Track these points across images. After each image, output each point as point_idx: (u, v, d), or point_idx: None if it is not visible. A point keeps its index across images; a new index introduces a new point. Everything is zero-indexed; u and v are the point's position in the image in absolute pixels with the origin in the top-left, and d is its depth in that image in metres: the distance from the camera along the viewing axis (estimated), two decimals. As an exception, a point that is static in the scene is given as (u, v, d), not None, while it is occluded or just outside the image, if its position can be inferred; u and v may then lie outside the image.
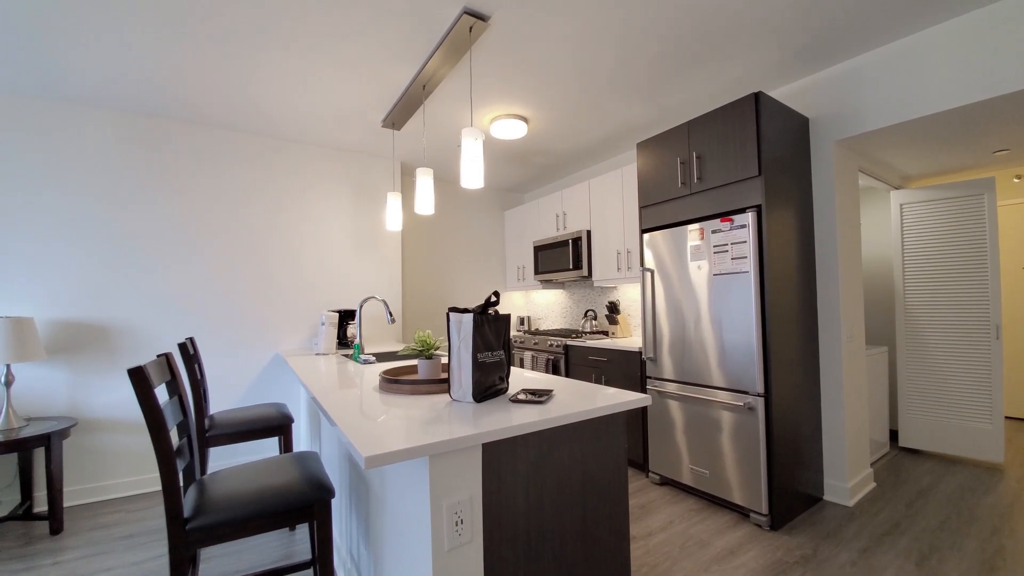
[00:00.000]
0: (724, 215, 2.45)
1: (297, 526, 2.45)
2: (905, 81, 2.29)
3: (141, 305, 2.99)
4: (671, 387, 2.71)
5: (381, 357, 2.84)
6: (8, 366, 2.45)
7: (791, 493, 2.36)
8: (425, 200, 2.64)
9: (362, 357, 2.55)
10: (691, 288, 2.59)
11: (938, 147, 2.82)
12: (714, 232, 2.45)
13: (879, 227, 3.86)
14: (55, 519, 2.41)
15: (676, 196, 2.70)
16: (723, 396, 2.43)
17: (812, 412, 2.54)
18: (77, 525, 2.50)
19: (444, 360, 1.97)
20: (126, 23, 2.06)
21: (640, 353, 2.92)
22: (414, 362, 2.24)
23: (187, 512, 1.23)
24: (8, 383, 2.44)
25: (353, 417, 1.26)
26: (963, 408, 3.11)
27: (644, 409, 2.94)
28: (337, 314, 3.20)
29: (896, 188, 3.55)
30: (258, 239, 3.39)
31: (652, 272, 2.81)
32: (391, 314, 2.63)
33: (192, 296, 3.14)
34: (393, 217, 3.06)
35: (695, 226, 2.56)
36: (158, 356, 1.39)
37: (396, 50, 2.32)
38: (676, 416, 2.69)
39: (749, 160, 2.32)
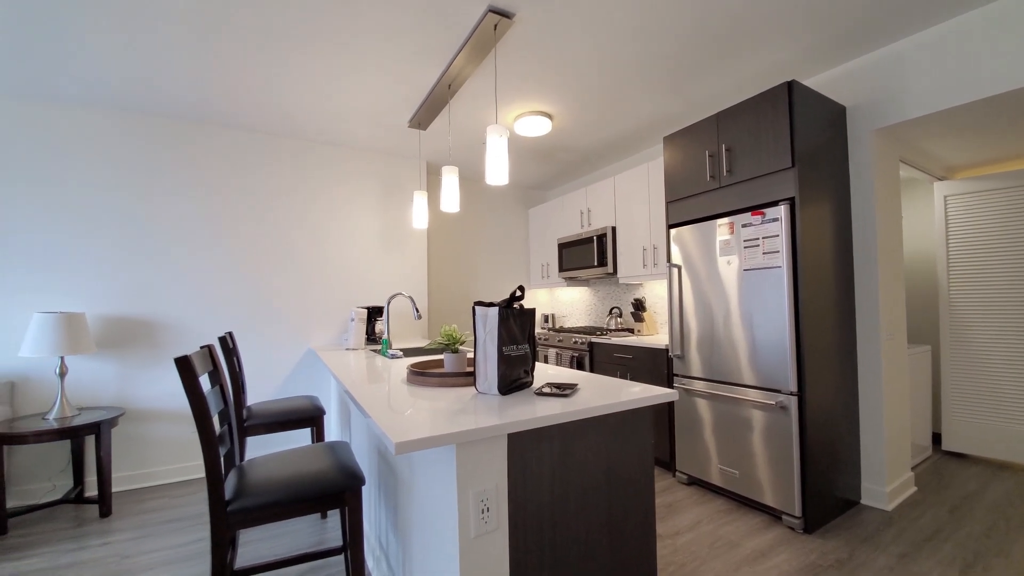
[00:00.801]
0: (755, 208, 2.39)
1: (328, 514, 2.52)
2: (950, 65, 2.18)
3: (183, 301, 3.14)
4: (699, 385, 2.66)
5: (408, 352, 2.90)
6: (62, 358, 2.62)
7: (826, 496, 2.28)
8: (451, 198, 2.68)
9: (390, 352, 2.61)
10: (720, 284, 2.54)
11: (986, 135, 2.67)
12: (744, 226, 2.39)
13: (921, 220, 3.69)
14: (104, 503, 2.56)
15: (704, 190, 2.65)
16: (753, 395, 2.37)
17: (849, 412, 2.45)
18: (125, 509, 2.64)
19: (469, 354, 1.99)
20: (171, 32, 2.16)
21: (667, 350, 2.88)
22: (440, 356, 2.27)
23: (228, 495, 1.29)
24: (62, 374, 2.60)
25: (383, 408, 1.29)
26: (1012, 410, 2.94)
27: (671, 407, 2.90)
28: (366, 310, 3.28)
29: (940, 179, 3.38)
30: (291, 238, 3.50)
31: (679, 268, 2.77)
32: (417, 310, 2.67)
33: (231, 293, 3.28)
34: (419, 215, 3.11)
35: (724, 220, 2.50)
36: (201, 348, 1.46)
37: (422, 51, 2.35)
38: (704, 415, 2.64)
39: (782, 151, 2.26)
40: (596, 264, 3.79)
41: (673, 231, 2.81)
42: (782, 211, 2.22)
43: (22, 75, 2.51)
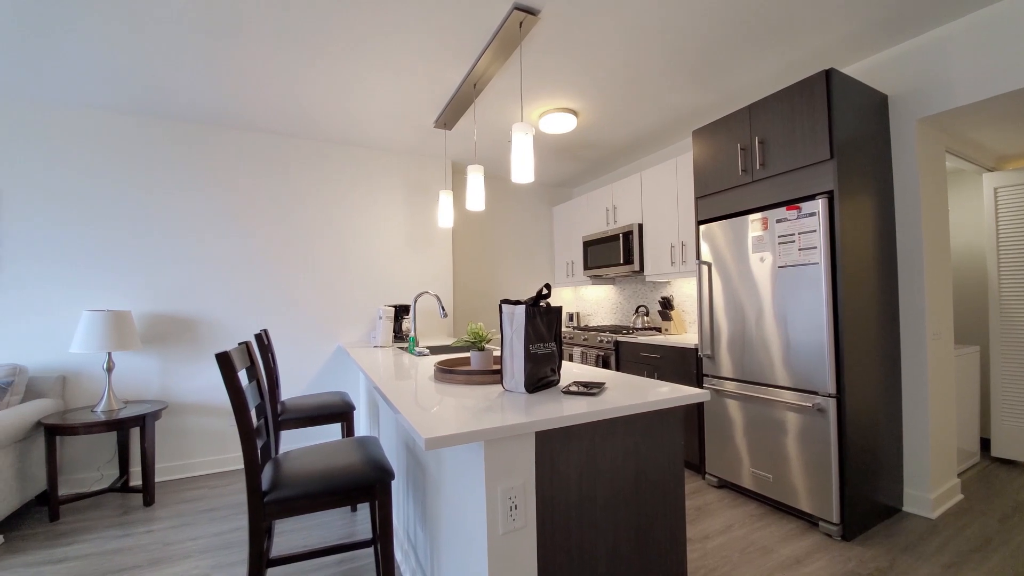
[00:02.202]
0: (791, 203, 2.31)
1: (358, 507, 2.58)
2: (1001, 49, 2.05)
3: (221, 300, 3.26)
4: (729, 385, 2.59)
5: (434, 350, 2.93)
6: (109, 354, 2.75)
7: (866, 502, 2.19)
8: (476, 197, 2.69)
9: (417, 349, 2.64)
10: (751, 281, 2.47)
11: (1044, 122, 2.51)
12: (779, 221, 2.32)
13: (970, 213, 3.49)
14: (148, 492, 2.68)
15: (736, 185, 2.58)
16: (788, 396, 2.30)
17: (891, 416, 2.34)
18: (167, 498, 2.77)
19: (496, 352, 2.00)
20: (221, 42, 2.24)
21: (696, 350, 2.82)
22: (466, 354, 2.29)
23: (265, 486, 1.34)
24: (109, 369, 2.74)
25: (412, 404, 1.31)
26: (1075, 416, 2.75)
27: (701, 408, 2.84)
28: (393, 309, 3.33)
29: (989, 170, 3.19)
30: (320, 239, 3.59)
31: (709, 265, 2.71)
32: (444, 308, 2.70)
33: (265, 292, 3.39)
34: (445, 215, 3.14)
35: (757, 216, 2.43)
36: (239, 344, 1.52)
37: (447, 51, 2.37)
38: (735, 416, 2.57)
39: (819, 143, 2.18)
40: (622, 262, 3.74)
41: (703, 227, 2.75)
42: (819, 205, 2.14)
43: (63, 82, 2.65)
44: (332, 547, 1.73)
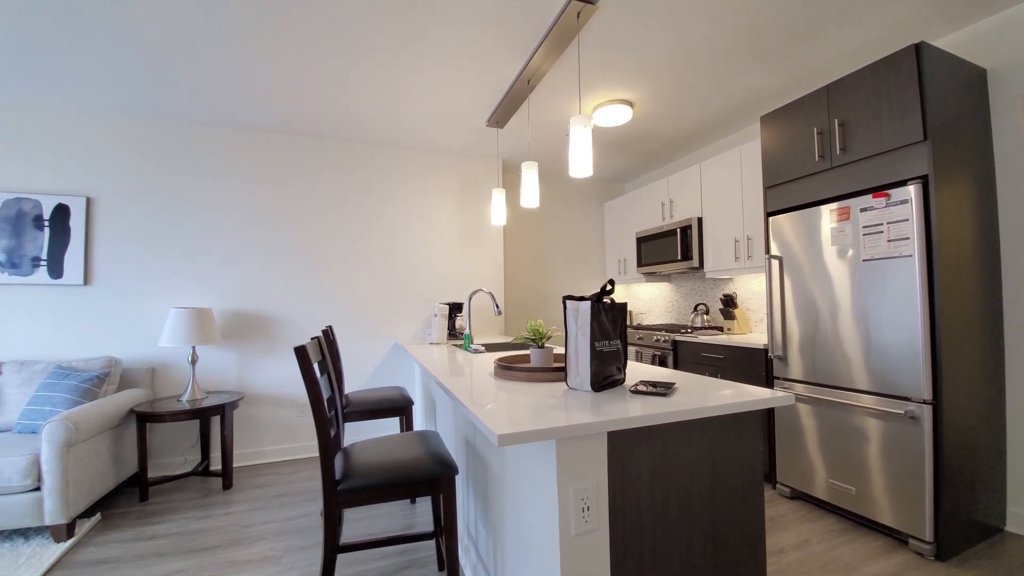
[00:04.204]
0: (878, 190, 2.11)
1: (417, 500, 2.63)
2: None
3: (290, 299, 3.46)
4: (801, 389, 2.42)
5: (489, 347, 2.94)
6: (193, 348, 2.98)
7: (963, 519, 1.97)
8: (531, 194, 2.67)
9: (472, 347, 2.66)
10: (827, 277, 2.28)
11: None
12: (864, 210, 2.13)
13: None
14: (226, 477, 2.88)
15: (812, 172, 2.40)
16: (869, 401, 2.11)
17: (993, 425, 2.09)
18: (243, 483, 2.96)
19: (556, 350, 1.97)
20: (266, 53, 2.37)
21: (765, 351, 2.65)
22: (524, 351, 2.28)
23: (337, 476, 1.38)
24: (193, 361, 2.96)
25: (477, 400, 1.30)
26: None
27: (771, 413, 2.67)
28: (447, 306, 3.38)
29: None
30: (376, 239, 3.71)
31: (780, 260, 2.53)
32: (498, 306, 2.70)
33: (328, 291, 3.55)
34: (498, 213, 3.14)
35: (836, 205, 2.25)
36: (312, 339, 1.58)
37: (502, 49, 2.36)
38: (809, 422, 2.40)
39: (910, 123, 1.97)
40: (680, 258, 3.59)
41: (772, 219, 2.58)
42: (912, 191, 1.94)
43: (150, 97, 2.88)
44: (395, 537, 1.77)
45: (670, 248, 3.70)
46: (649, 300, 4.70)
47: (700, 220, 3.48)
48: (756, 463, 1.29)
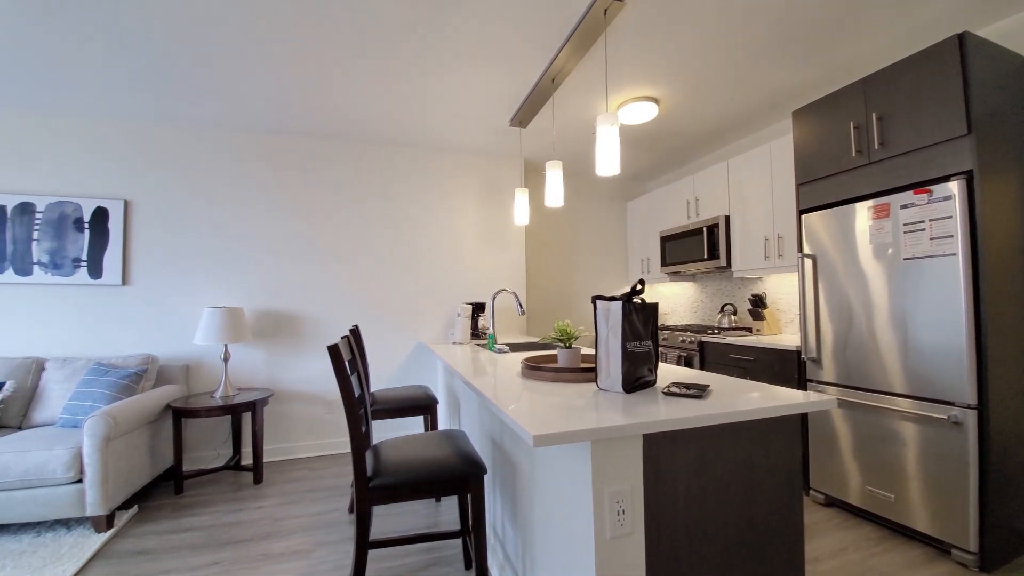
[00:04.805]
0: (919, 186, 2.03)
1: (442, 499, 2.65)
2: None
3: (317, 298, 3.52)
4: (836, 392, 2.34)
5: (513, 347, 2.94)
6: (226, 346, 3.06)
7: (1009, 529, 1.88)
8: (555, 193, 2.65)
9: (496, 347, 2.66)
10: (862, 276, 2.21)
11: None
12: (904, 207, 2.05)
13: None
14: (257, 471, 2.95)
15: (848, 168, 2.32)
16: (907, 405, 2.03)
17: (1047, 432, 1.99)
18: (273, 478, 3.02)
19: (584, 350, 1.95)
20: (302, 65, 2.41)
21: (798, 353, 2.58)
22: (549, 352, 2.27)
23: (368, 473, 1.40)
24: (226, 359, 3.04)
25: (507, 401, 1.30)
26: None
27: (804, 417, 2.59)
28: (470, 306, 3.39)
29: None
30: (399, 240, 3.75)
31: (813, 259, 2.46)
32: (522, 306, 2.70)
33: (353, 291, 3.61)
34: (521, 213, 3.14)
35: (873, 202, 2.17)
36: (342, 338, 1.60)
37: (527, 48, 2.35)
38: (843, 426, 2.32)
39: (953, 116, 1.89)
40: (706, 257, 3.52)
41: (805, 217, 2.51)
42: (955, 187, 1.86)
43: (183, 103, 2.97)
44: (424, 535, 1.78)
45: (696, 247, 3.64)
46: (673, 300, 4.63)
47: (727, 218, 3.41)
48: (795, 470, 1.25)
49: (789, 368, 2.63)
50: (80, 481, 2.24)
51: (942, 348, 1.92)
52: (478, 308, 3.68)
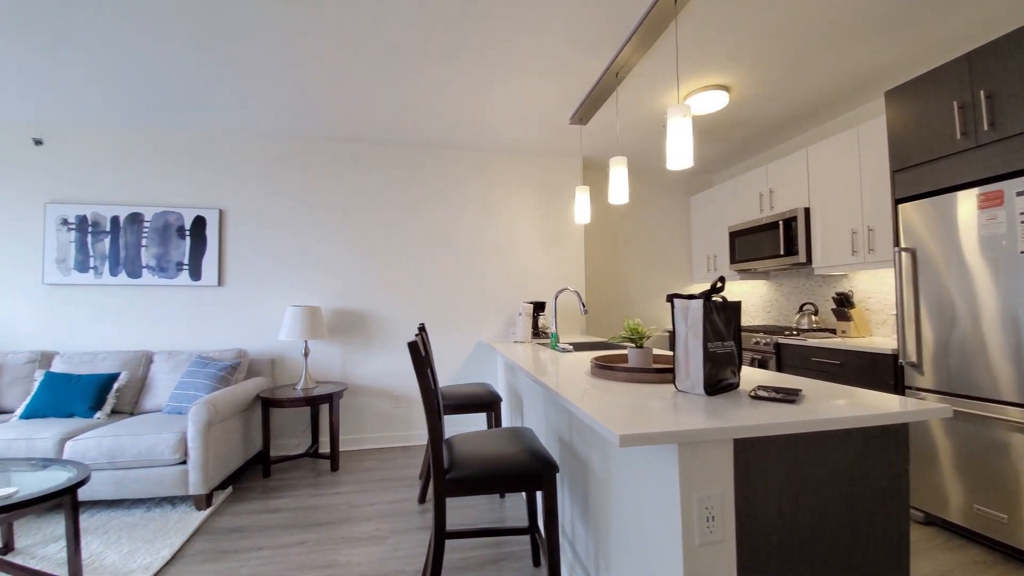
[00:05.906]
0: (1041, 170, 1.80)
1: (506, 495, 2.69)
2: None
3: (385, 298, 3.70)
4: (936, 400, 2.12)
5: (577, 346, 2.92)
6: (306, 342, 3.28)
7: None
8: (620, 190, 2.60)
9: (560, 346, 2.66)
10: (967, 271, 1.98)
11: None
12: (1020, 194, 1.82)
13: None
14: (334, 459, 3.14)
15: (953, 152, 2.09)
16: (1020, 416, 1.80)
17: None
18: (348, 466, 3.21)
19: (655, 351, 1.90)
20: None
21: (894, 356, 2.36)
22: (614, 351, 2.23)
23: (444, 465, 1.45)
24: (306, 354, 3.27)
25: (581, 399, 1.30)
26: None
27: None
28: (532, 305, 3.40)
29: None
30: (461, 242, 3.85)
31: (913, 253, 2.24)
32: (584, 304, 2.67)
33: (419, 292, 3.77)
34: (582, 211, 3.10)
35: (983, 189, 1.94)
36: (416, 335, 1.67)
37: (590, 42, 2.32)
38: (946, 439, 2.10)
39: (1091, 89, 1.65)
40: (783, 253, 3.31)
41: (902, 207, 2.29)
42: (1095, 170, 1.62)
43: (268, 117, 3.21)
44: (494, 529, 1.81)
45: (770, 242, 3.43)
46: (743, 299, 4.40)
47: (807, 211, 3.19)
48: (902, 485, 1.15)
49: (882, 373, 2.41)
50: (184, 463, 2.49)
51: (1077, 353, 1.68)
52: (538, 307, 3.69)
